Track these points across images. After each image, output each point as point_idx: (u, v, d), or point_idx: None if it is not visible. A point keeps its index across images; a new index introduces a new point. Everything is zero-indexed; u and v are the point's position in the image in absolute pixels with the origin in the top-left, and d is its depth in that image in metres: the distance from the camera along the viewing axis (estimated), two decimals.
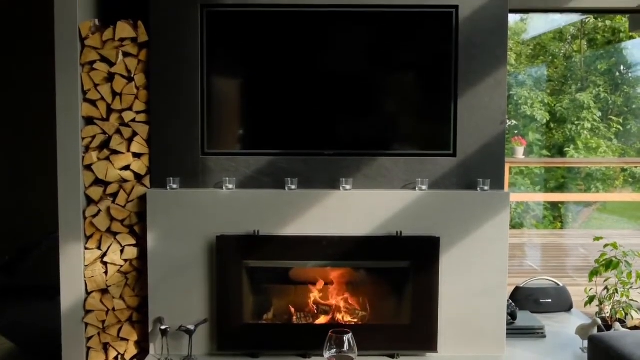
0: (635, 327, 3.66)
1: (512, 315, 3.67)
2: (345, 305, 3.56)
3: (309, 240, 3.35)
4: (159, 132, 3.41)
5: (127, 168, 3.42)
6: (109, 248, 3.42)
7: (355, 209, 3.36)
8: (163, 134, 3.41)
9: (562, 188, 9.54)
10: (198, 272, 3.38)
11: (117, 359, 3.46)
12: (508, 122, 8.90)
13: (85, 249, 3.42)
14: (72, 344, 3.44)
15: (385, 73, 3.53)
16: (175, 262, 3.37)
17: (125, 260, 3.43)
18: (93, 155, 3.39)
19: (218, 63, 3.43)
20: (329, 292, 3.58)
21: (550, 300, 4.16)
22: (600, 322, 3.45)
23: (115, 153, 3.39)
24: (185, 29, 3.38)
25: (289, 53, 3.48)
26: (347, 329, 1.97)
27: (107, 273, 3.42)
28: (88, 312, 3.43)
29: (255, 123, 3.55)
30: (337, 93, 3.50)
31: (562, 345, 3.57)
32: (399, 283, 3.46)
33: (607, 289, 3.73)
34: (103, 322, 3.43)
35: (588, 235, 6.81)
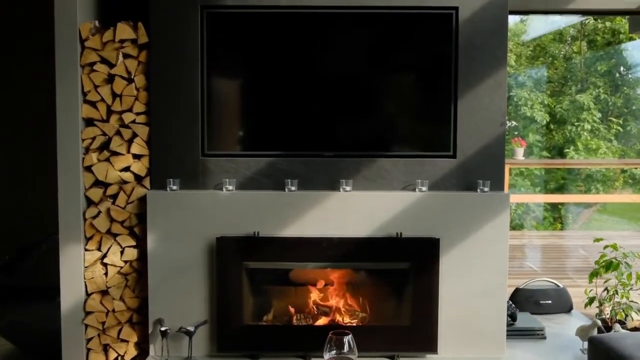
0: (635, 328, 3.65)
1: (512, 317, 3.67)
2: (345, 307, 3.56)
3: (309, 242, 3.35)
4: (159, 133, 3.41)
5: (127, 169, 3.42)
6: (109, 249, 3.42)
7: (355, 210, 3.36)
8: (163, 135, 3.41)
9: (562, 189, 9.55)
10: (198, 273, 3.38)
11: None
12: (508, 123, 8.90)
13: (85, 250, 3.42)
14: (72, 345, 3.44)
15: (385, 74, 3.53)
16: (175, 263, 3.37)
17: (125, 262, 3.43)
18: (93, 157, 3.39)
19: (218, 64, 3.44)
20: (329, 293, 3.58)
21: (550, 302, 4.16)
22: (600, 323, 3.45)
23: (115, 154, 3.39)
24: (186, 30, 3.38)
25: (289, 54, 3.48)
26: (347, 330, 1.97)
27: (107, 274, 3.42)
28: (88, 313, 3.43)
29: (255, 124, 3.56)
30: (337, 94, 3.50)
31: (562, 347, 3.57)
32: (399, 284, 3.46)
33: (607, 290, 3.73)
34: (103, 323, 3.43)
35: (588, 237, 6.82)
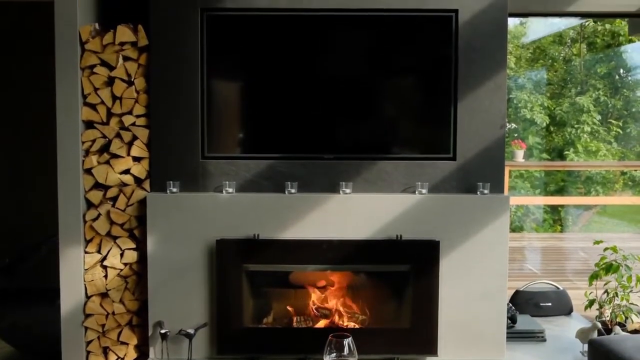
0: (636, 330, 3.66)
1: (512, 319, 3.67)
2: (345, 309, 3.56)
3: (309, 244, 3.35)
4: (159, 135, 3.41)
5: (127, 172, 3.42)
6: (109, 252, 3.42)
7: (355, 213, 3.36)
8: (163, 138, 3.41)
9: (562, 191, 9.55)
10: (198, 275, 3.38)
11: None
12: (508, 125, 8.90)
13: (85, 253, 3.42)
14: (71, 348, 3.43)
15: (385, 77, 3.53)
16: (175, 265, 3.37)
17: (125, 264, 3.43)
18: (93, 159, 3.39)
19: (218, 67, 3.44)
20: (329, 295, 3.58)
21: (550, 304, 4.16)
22: (600, 325, 3.45)
23: (115, 157, 3.39)
24: (186, 33, 3.39)
25: (289, 57, 3.48)
26: (347, 333, 1.96)
27: (107, 277, 3.42)
28: (88, 315, 3.42)
29: (255, 127, 3.56)
30: (337, 97, 3.50)
31: (562, 349, 3.57)
32: (399, 287, 3.46)
33: (607, 293, 3.73)
34: (103, 325, 3.43)
35: (588, 239, 6.81)
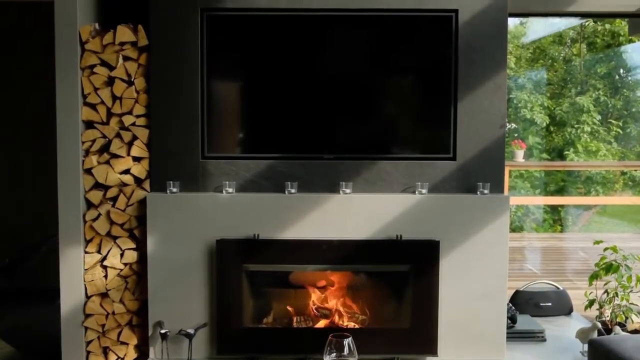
0: (636, 330, 3.66)
1: (512, 319, 3.67)
2: (345, 309, 3.56)
3: (309, 244, 3.35)
4: (159, 136, 3.41)
5: (127, 172, 3.42)
6: (109, 252, 3.42)
7: (355, 213, 3.36)
8: (163, 138, 3.41)
9: (562, 191, 9.55)
10: (198, 275, 3.38)
11: None
12: (508, 125, 8.90)
13: (85, 253, 3.42)
14: (71, 348, 3.43)
15: (385, 77, 3.53)
16: (175, 265, 3.37)
17: (125, 264, 3.43)
18: (93, 159, 3.39)
19: (218, 67, 3.44)
20: (329, 295, 3.58)
21: (550, 304, 4.16)
22: (600, 325, 3.45)
23: (115, 157, 3.39)
24: (186, 33, 3.39)
25: (289, 57, 3.48)
26: (347, 333, 1.96)
27: (107, 277, 3.42)
28: (88, 315, 3.42)
29: (255, 127, 3.56)
30: (336, 97, 3.50)
31: (562, 349, 3.57)
32: (399, 287, 3.46)
33: (607, 293, 3.73)
34: (103, 325, 3.43)
35: (588, 239, 6.81)
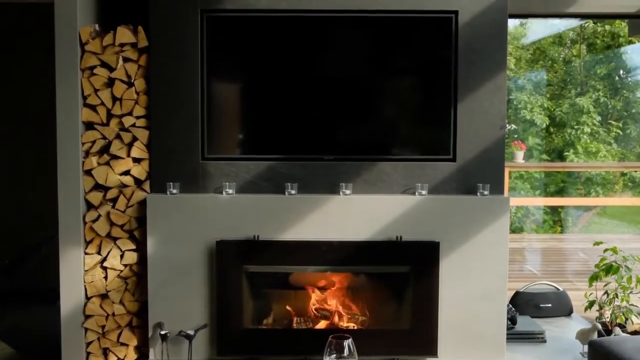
0: (636, 331, 3.66)
1: (512, 320, 3.67)
2: (345, 310, 3.56)
3: (309, 245, 3.35)
4: (159, 137, 3.41)
5: (127, 173, 3.42)
6: (109, 253, 3.42)
7: (355, 214, 3.36)
8: (163, 139, 3.41)
9: (561, 192, 9.56)
10: (198, 277, 3.38)
11: None
12: (508, 126, 8.89)
13: (85, 254, 3.42)
14: (71, 349, 3.43)
15: (385, 78, 3.53)
16: (175, 267, 3.37)
17: (125, 265, 3.43)
18: (93, 160, 3.39)
19: (218, 68, 3.44)
20: (329, 296, 3.58)
21: (550, 305, 4.16)
22: (601, 326, 3.45)
23: (115, 158, 3.39)
24: (186, 34, 3.39)
25: (289, 58, 3.48)
26: (347, 334, 1.97)
27: (106, 278, 3.42)
28: (88, 317, 3.42)
29: (255, 128, 3.56)
30: (336, 98, 3.50)
31: (562, 350, 3.57)
32: (399, 288, 3.46)
33: (607, 294, 3.73)
34: (103, 327, 3.43)
35: (588, 240, 6.80)
